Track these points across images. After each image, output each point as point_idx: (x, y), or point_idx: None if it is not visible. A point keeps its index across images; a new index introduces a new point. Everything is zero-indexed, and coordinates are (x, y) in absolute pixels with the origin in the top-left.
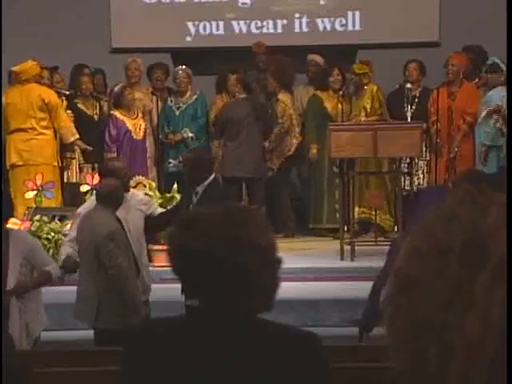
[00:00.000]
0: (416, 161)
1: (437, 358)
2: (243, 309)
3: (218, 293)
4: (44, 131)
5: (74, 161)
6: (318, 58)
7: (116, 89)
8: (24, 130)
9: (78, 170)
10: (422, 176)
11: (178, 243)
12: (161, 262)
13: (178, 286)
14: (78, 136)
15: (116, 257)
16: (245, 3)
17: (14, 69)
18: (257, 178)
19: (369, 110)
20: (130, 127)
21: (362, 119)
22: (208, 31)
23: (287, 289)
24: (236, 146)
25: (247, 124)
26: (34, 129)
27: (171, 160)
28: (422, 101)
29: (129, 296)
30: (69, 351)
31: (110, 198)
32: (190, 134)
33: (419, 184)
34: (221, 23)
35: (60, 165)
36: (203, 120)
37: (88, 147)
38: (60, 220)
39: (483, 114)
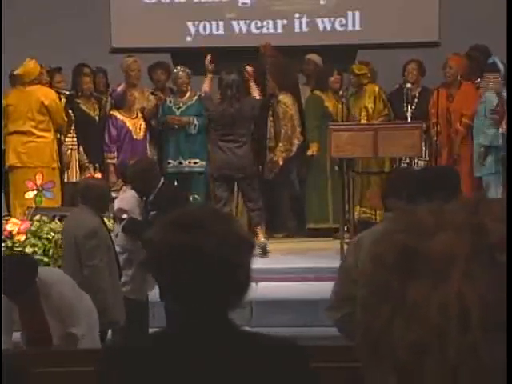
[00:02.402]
0: (416, 160)
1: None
2: (227, 307)
3: (210, 292)
4: (43, 134)
5: (74, 160)
6: (316, 58)
7: (119, 89)
8: (23, 133)
9: (78, 170)
10: None
11: (171, 244)
12: None
13: None
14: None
15: (93, 256)
16: (245, 3)
17: (17, 72)
18: (246, 177)
19: (371, 110)
20: (131, 127)
21: (363, 120)
22: (208, 31)
23: (287, 289)
24: (222, 146)
25: (228, 125)
26: (32, 132)
27: (170, 160)
28: (422, 100)
29: (101, 296)
30: (69, 351)
31: (92, 198)
32: (196, 122)
33: None
34: (221, 23)
35: (59, 166)
36: (203, 121)
37: None
38: (60, 220)
39: (488, 113)
